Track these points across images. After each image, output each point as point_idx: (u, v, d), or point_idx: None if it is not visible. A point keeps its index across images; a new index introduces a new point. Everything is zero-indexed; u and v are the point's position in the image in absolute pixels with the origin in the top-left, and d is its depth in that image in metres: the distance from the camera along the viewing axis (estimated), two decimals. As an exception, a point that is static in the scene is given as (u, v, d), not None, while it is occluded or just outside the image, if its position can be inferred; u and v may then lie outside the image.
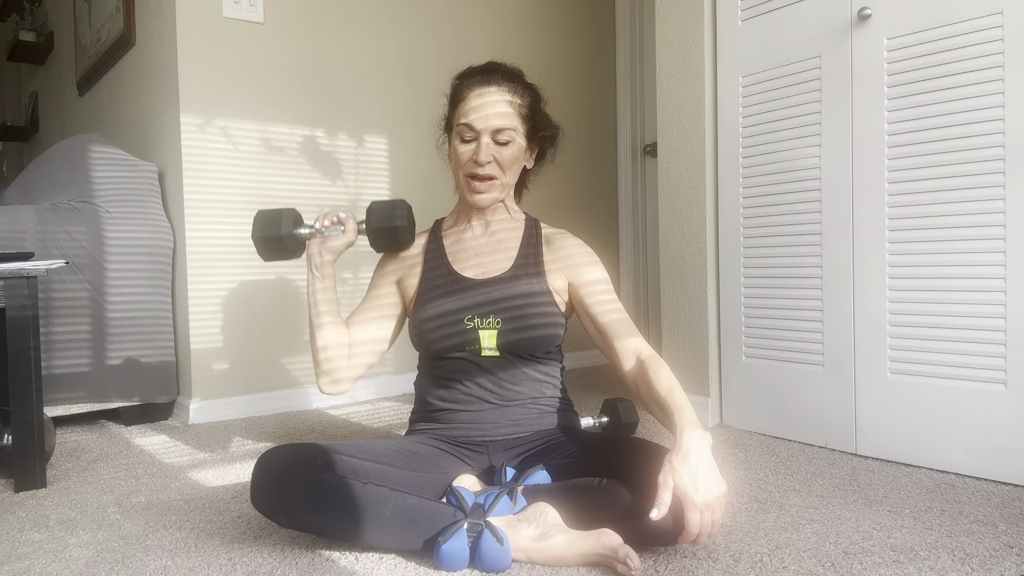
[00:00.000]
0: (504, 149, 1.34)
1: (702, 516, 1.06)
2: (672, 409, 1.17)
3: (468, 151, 1.34)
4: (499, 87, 1.34)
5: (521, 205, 1.55)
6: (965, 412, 1.55)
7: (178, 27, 2.20)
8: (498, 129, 1.33)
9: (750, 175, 1.94)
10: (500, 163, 1.34)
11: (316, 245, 1.40)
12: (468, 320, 1.35)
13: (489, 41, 2.89)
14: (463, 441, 1.36)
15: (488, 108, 1.33)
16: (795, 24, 1.82)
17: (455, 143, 1.37)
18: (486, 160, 1.33)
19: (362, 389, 2.56)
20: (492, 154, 1.33)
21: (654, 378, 1.24)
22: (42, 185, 2.23)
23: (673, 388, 1.21)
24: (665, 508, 1.06)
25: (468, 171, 1.35)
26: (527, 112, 1.37)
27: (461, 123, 1.34)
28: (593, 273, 1.40)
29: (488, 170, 1.34)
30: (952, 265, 1.56)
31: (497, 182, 1.36)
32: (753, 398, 1.96)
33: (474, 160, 1.33)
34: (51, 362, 2.06)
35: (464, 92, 1.36)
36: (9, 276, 1.55)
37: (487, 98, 1.33)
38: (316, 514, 1.13)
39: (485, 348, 1.35)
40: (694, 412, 1.16)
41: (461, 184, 1.39)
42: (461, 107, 1.35)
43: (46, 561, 1.19)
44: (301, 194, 2.43)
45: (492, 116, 1.32)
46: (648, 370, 1.26)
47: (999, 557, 1.13)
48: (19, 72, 4.91)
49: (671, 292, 2.15)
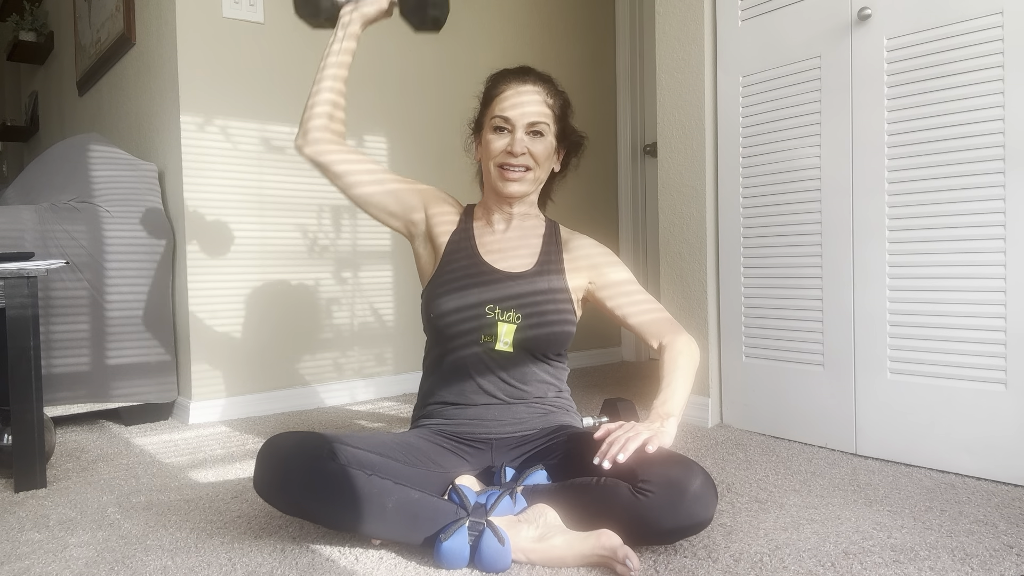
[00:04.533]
0: (538, 143, 1.38)
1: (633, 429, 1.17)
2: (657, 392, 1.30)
3: (503, 143, 1.37)
4: (535, 86, 1.39)
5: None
6: (965, 412, 1.55)
7: (178, 27, 2.20)
8: (533, 123, 1.36)
9: (750, 175, 1.94)
10: (534, 155, 1.37)
11: (349, 11, 1.48)
12: (489, 310, 1.36)
13: (489, 41, 2.89)
14: (466, 438, 1.36)
15: (525, 103, 1.37)
16: (795, 24, 1.82)
17: (489, 136, 1.39)
18: (521, 151, 1.36)
19: (362, 389, 2.56)
20: (527, 146, 1.36)
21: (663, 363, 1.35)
22: (42, 185, 2.23)
23: (674, 371, 1.32)
24: (604, 428, 1.19)
25: (501, 161, 1.38)
26: (559, 113, 1.41)
27: (497, 116, 1.37)
28: (616, 274, 1.44)
29: (522, 160, 1.37)
30: (952, 265, 1.56)
31: (530, 174, 1.39)
32: (753, 398, 1.96)
33: (508, 151, 1.36)
34: (51, 362, 2.06)
35: (500, 88, 1.39)
36: (9, 276, 1.55)
37: (524, 95, 1.37)
38: (318, 502, 1.13)
39: (501, 342, 1.35)
40: (678, 402, 1.28)
41: (492, 176, 1.40)
42: (497, 102, 1.38)
43: (46, 561, 1.19)
44: (301, 194, 2.43)
45: (528, 110, 1.36)
46: (663, 353, 1.37)
47: (999, 557, 1.13)
48: (19, 72, 4.91)
49: (671, 292, 2.15)
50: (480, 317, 1.36)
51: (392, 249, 2.65)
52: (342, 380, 2.53)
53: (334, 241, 2.51)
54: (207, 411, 2.25)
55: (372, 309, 2.60)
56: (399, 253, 2.66)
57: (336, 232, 2.51)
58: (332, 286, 2.51)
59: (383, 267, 2.63)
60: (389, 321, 2.64)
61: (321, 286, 2.49)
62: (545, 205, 1.56)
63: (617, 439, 1.16)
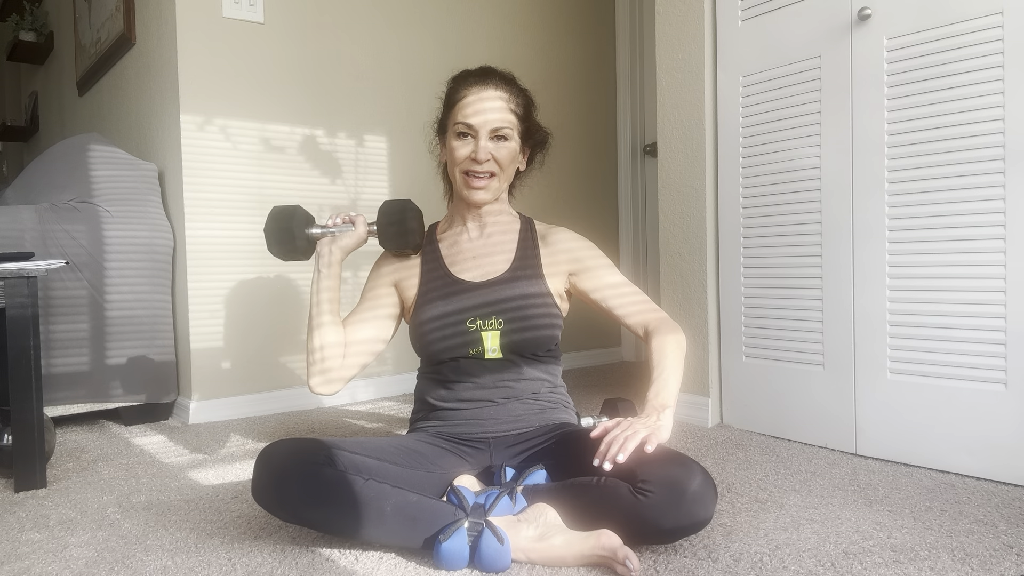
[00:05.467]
0: (501, 148, 1.36)
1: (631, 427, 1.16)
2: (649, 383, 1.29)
3: (466, 150, 1.36)
4: (496, 89, 1.37)
5: (520, 204, 1.55)
6: (965, 412, 1.55)
7: (178, 27, 2.20)
8: (496, 128, 1.35)
9: (750, 175, 1.94)
10: (498, 161, 1.36)
11: (327, 244, 1.42)
12: (470, 323, 1.36)
13: (489, 41, 2.89)
14: (464, 438, 1.37)
15: (486, 108, 1.35)
16: (795, 24, 1.82)
17: (452, 143, 1.38)
18: (484, 158, 1.35)
19: (362, 389, 2.56)
20: (490, 152, 1.35)
21: (652, 351, 1.34)
22: (42, 185, 2.23)
23: (663, 360, 1.30)
24: (602, 427, 1.19)
25: (466, 168, 1.37)
26: (522, 113, 1.40)
27: (459, 122, 1.36)
28: (593, 260, 1.44)
29: (487, 167, 1.36)
30: (952, 265, 1.56)
31: (494, 180, 1.38)
32: (753, 398, 1.96)
33: (472, 158, 1.35)
34: (51, 362, 2.06)
35: (461, 93, 1.37)
36: (9, 276, 1.55)
37: (485, 99, 1.35)
38: (317, 509, 1.13)
39: (488, 350, 1.36)
40: (671, 391, 1.27)
41: (458, 182, 1.40)
42: (458, 107, 1.37)
43: (46, 561, 1.19)
44: (301, 194, 2.43)
45: (490, 116, 1.35)
46: (650, 341, 1.36)
47: (999, 557, 1.13)
48: (19, 72, 4.91)
49: (671, 292, 2.15)
50: (464, 334, 1.36)
51: (392, 249, 2.65)
52: (342, 380, 2.53)
53: (334, 241, 2.51)
54: (207, 411, 2.25)
55: (372, 309, 2.60)
56: (399, 253, 2.66)
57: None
58: (332, 286, 2.51)
59: (383, 267, 2.63)
60: (389, 321, 2.64)
61: (321, 286, 2.48)
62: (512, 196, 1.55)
63: (615, 439, 1.15)
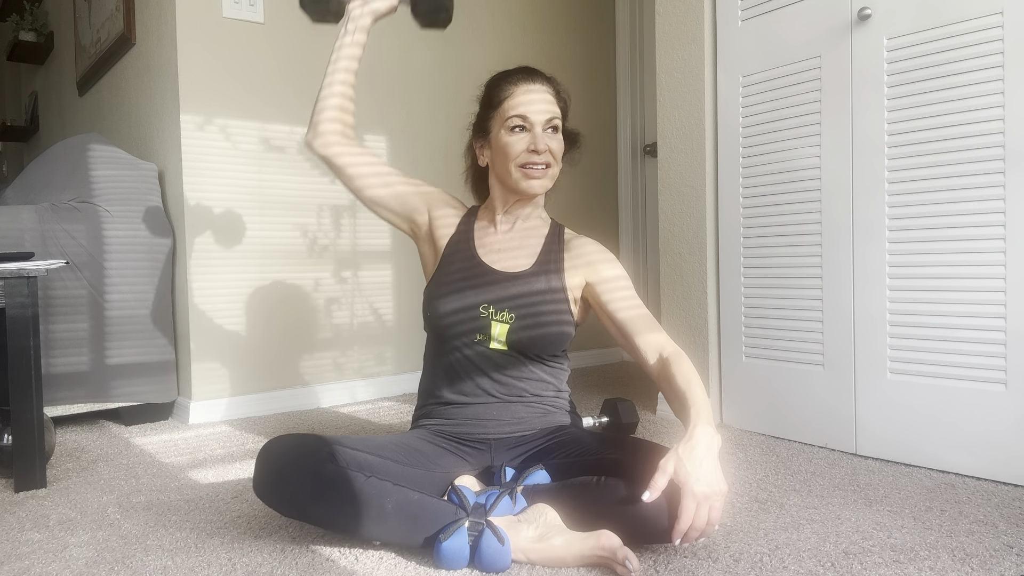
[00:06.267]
0: (555, 139, 1.39)
1: (698, 509, 1.07)
2: (689, 403, 1.20)
3: (523, 143, 1.36)
4: (543, 85, 1.40)
5: None
6: (965, 412, 1.55)
7: (178, 27, 2.20)
8: (549, 119, 1.37)
9: (750, 175, 1.94)
10: (553, 152, 1.38)
11: (359, 6, 1.47)
12: (483, 308, 1.36)
13: (489, 41, 2.89)
14: (465, 438, 1.37)
15: (539, 99, 1.37)
16: (795, 24, 1.82)
17: (506, 139, 1.37)
18: (543, 148, 1.36)
19: (362, 389, 2.56)
20: (547, 143, 1.37)
21: (676, 373, 1.27)
22: (42, 185, 2.23)
23: (692, 383, 1.24)
24: (658, 491, 1.07)
25: (524, 161, 1.37)
26: (565, 110, 1.44)
27: (514, 115, 1.36)
28: (610, 270, 1.42)
29: (544, 158, 1.37)
30: (952, 265, 1.56)
31: (550, 170, 1.40)
32: (753, 398, 1.96)
33: (532, 149, 1.36)
34: (51, 361, 2.06)
35: (510, 88, 1.39)
36: (9, 276, 1.55)
37: (535, 92, 1.38)
38: (318, 505, 1.13)
39: (494, 339, 1.36)
40: (711, 411, 1.18)
41: (514, 176, 1.38)
42: (509, 102, 1.38)
43: (46, 561, 1.19)
44: (301, 193, 2.43)
45: (544, 107, 1.37)
46: (671, 365, 1.29)
47: (999, 557, 1.13)
48: (19, 72, 4.91)
49: (671, 292, 2.15)
50: (475, 318, 1.36)
51: (392, 249, 2.65)
52: (342, 380, 2.53)
53: (334, 241, 2.51)
54: (207, 411, 2.25)
55: (372, 309, 2.60)
56: (399, 253, 2.66)
57: (336, 232, 2.51)
58: (332, 286, 2.51)
59: (383, 267, 2.63)
60: (389, 321, 2.64)
61: (321, 286, 2.49)
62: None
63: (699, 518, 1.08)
